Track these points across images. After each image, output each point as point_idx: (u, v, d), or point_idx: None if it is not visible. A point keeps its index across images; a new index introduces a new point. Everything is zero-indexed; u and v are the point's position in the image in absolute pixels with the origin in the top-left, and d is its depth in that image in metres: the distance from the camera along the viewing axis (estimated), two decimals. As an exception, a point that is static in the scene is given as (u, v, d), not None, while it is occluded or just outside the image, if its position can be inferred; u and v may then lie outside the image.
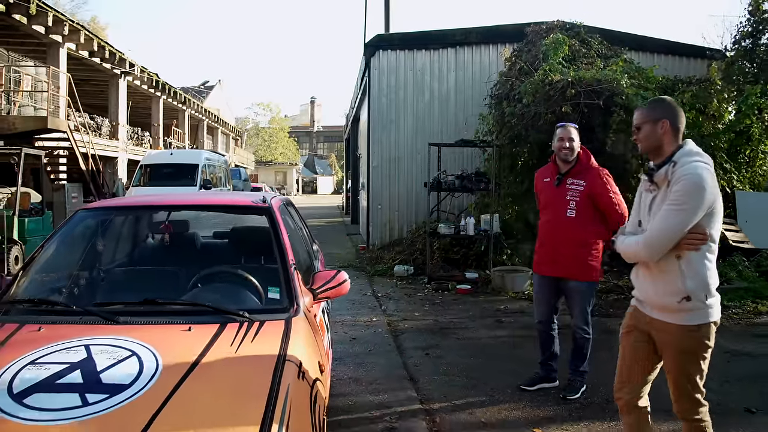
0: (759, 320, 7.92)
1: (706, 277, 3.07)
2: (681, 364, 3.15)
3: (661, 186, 3.15)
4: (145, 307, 3.11)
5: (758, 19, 13.45)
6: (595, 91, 9.84)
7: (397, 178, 14.90)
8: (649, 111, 3.24)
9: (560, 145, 5.02)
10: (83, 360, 2.52)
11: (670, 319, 3.11)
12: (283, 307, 3.20)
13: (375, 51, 14.88)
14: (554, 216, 5.07)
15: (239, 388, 2.42)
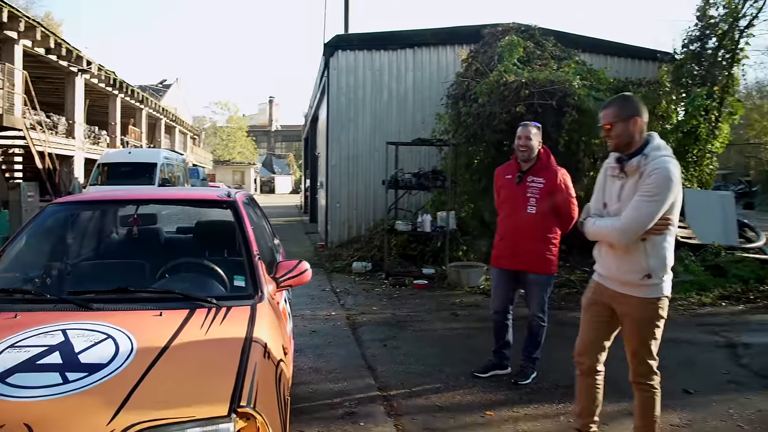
0: (702, 311, 8.27)
1: (666, 257, 3.43)
2: (640, 333, 3.50)
3: (630, 175, 3.42)
4: (118, 294, 3.23)
5: (705, 24, 13.92)
6: (548, 91, 10.11)
7: (355, 176, 15.04)
8: (619, 110, 3.47)
9: (518, 144, 5.19)
10: (61, 343, 2.64)
11: (632, 292, 3.47)
12: (248, 294, 3.36)
13: (334, 51, 15.01)
14: (514, 212, 5.22)
15: (210, 366, 2.58)
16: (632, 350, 3.57)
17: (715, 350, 6.38)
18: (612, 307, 3.61)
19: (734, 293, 9.16)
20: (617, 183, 3.52)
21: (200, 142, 55.81)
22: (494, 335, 5.51)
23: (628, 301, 3.50)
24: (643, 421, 3.64)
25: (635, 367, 3.58)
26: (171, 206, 4.86)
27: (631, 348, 3.58)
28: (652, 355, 3.55)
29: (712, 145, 13.68)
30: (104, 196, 4.63)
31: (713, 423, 4.43)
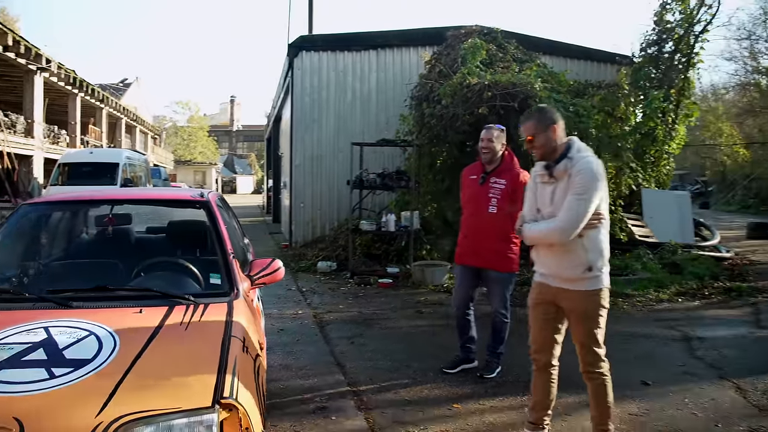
0: (660, 307, 8.52)
1: (603, 250, 3.64)
2: (585, 324, 3.67)
3: (560, 179, 3.63)
4: (96, 293, 3.29)
5: (662, 29, 14.31)
6: (510, 93, 10.28)
7: (319, 176, 15.11)
8: (538, 121, 3.70)
9: (481, 146, 5.37)
10: (44, 340, 2.70)
11: (574, 287, 3.64)
12: (224, 291, 3.44)
13: (298, 52, 15.06)
14: (477, 211, 5.39)
15: (192, 360, 2.67)
16: (580, 341, 3.74)
17: (671, 344, 6.60)
18: (557, 303, 3.78)
19: (690, 290, 9.45)
20: (548, 188, 3.71)
21: (161, 142, 55.24)
22: (458, 331, 5.68)
23: (571, 296, 3.67)
24: (598, 410, 3.79)
25: (584, 357, 3.75)
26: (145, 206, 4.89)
27: (578, 339, 3.74)
28: (598, 343, 3.72)
29: (669, 147, 14.06)
30: (78, 197, 4.64)
31: (670, 412, 4.62)
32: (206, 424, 2.33)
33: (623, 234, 12.86)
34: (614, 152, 11.44)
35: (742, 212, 31.36)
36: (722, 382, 5.32)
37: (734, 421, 4.45)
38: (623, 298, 8.82)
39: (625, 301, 8.67)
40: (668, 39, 14.41)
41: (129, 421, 2.25)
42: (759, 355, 6.17)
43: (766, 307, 8.51)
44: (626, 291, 9.11)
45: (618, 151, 11.46)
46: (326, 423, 4.36)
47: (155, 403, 2.34)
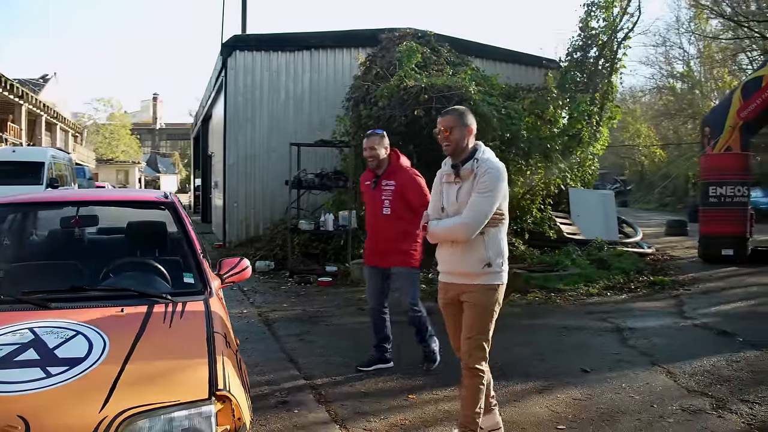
0: (590, 300, 8.96)
1: (502, 247, 3.80)
2: (480, 318, 3.76)
3: (465, 179, 3.76)
4: (73, 293, 3.33)
5: (587, 35, 14.89)
6: (445, 96, 10.59)
7: (253, 176, 15.15)
8: (459, 117, 3.82)
9: (365, 155, 5.59)
10: (32, 340, 2.73)
11: (474, 281, 3.76)
12: (198, 290, 3.52)
13: (232, 51, 15.05)
14: (374, 214, 5.60)
15: (181, 355, 2.79)
16: (471, 336, 3.78)
17: (605, 334, 6.98)
18: (461, 300, 3.86)
19: (618, 284, 9.96)
20: (454, 188, 3.83)
21: (82, 141, 53.68)
22: (373, 329, 5.77)
23: (470, 290, 3.76)
24: (471, 410, 3.79)
25: (471, 352, 3.78)
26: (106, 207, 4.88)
27: (470, 333, 3.79)
28: (488, 339, 3.81)
29: (593, 148, 14.65)
30: (40, 198, 4.62)
31: (609, 395, 4.94)
32: (204, 415, 2.44)
33: (552, 232, 13.38)
34: (544, 153, 11.90)
35: (659, 210, 32.83)
36: (654, 368, 5.69)
37: (667, 401, 4.79)
38: (555, 292, 9.23)
39: (557, 296, 9.07)
40: (593, 45, 15.01)
41: (131, 416, 2.34)
42: (684, 343, 6.59)
43: (688, 299, 9.06)
44: (558, 286, 9.52)
45: (547, 153, 11.94)
46: (290, 416, 4.48)
47: (154, 397, 2.43)
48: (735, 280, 10.70)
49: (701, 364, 5.76)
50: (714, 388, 5.13)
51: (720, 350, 6.24)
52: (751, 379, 5.39)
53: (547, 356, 6.08)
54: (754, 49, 32.91)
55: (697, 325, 7.43)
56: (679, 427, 4.31)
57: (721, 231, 12.53)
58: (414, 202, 5.37)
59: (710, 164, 12.89)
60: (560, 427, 4.31)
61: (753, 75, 13.09)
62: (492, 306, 3.77)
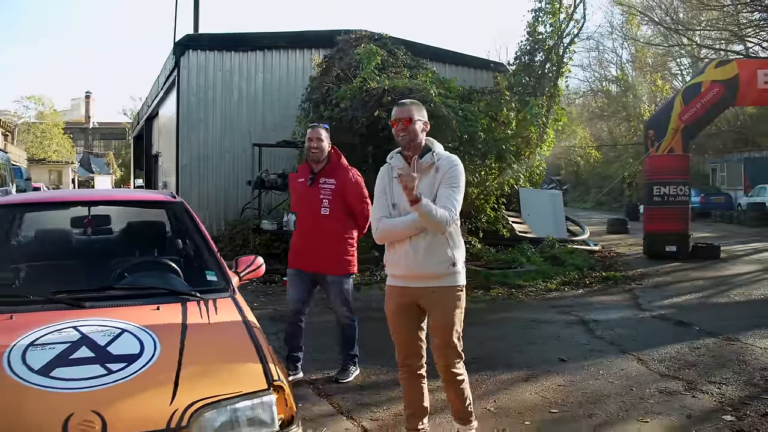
0: (550, 296, 9.37)
1: (462, 246, 3.70)
2: (449, 320, 3.61)
3: (424, 173, 3.53)
4: (102, 292, 3.41)
5: (535, 39, 15.42)
6: (407, 98, 10.86)
7: (206, 176, 15.08)
8: (419, 111, 3.67)
9: (309, 145, 5.15)
10: (81, 339, 2.79)
11: (439, 283, 3.60)
12: (222, 287, 3.65)
13: (185, 50, 14.96)
14: (309, 214, 5.15)
15: (230, 349, 2.93)
16: (443, 341, 3.64)
17: (572, 326, 7.37)
18: (418, 304, 3.69)
19: (573, 279, 10.42)
20: None
21: (14, 140, 51.99)
22: (288, 339, 5.47)
23: (436, 293, 3.60)
24: (462, 405, 3.77)
25: (446, 356, 3.66)
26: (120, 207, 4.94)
27: (442, 338, 3.64)
28: (460, 340, 3.69)
29: (541, 149, 15.19)
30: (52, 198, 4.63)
31: (590, 381, 5.29)
32: (266, 405, 2.59)
33: (506, 230, 13.80)
34: (499, 154, 12.31)
35: (596, 209, 33.93)
36: (625, 355, 6.07)
37: (644, 385, 5.17)
38: (516, 288, 9.61)
39: (518, 291, 9.45)
40: (540, 49, 15.56)
41: (200, 408, 2.47)
42: (647, 332, 7.03)
43: (641, 292, 9.57)
44: (518, 282, 9.91)
45: (502, 153, 12.34)
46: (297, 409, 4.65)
47: (217, 389, 2.55)
48: (681, 275, 11.32)
49: (667, 351, 6.18)
50: (683, 372, 5.54)
51: (681, 338, 6.69)
52: (714, 363, 5.82)
53: (524, 348, 6.40)
54: (683, 55, 34.36)
55: (655, 317, 7.90)
56: (660, 407, 4.67)
57: (664, 228, 13.20)
58: (354, 205, 5.18)
59: (654, 165, 13.52)
60: (553, 411, 4.62)
61: (692, 81, 13.81)
62: (460, 307, 3.66)
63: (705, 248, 13.44)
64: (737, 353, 6.14)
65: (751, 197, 24.94)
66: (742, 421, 4.40)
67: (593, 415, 4.53)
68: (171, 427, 2.38)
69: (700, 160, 31.10)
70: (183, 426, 2.39)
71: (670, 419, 4.46)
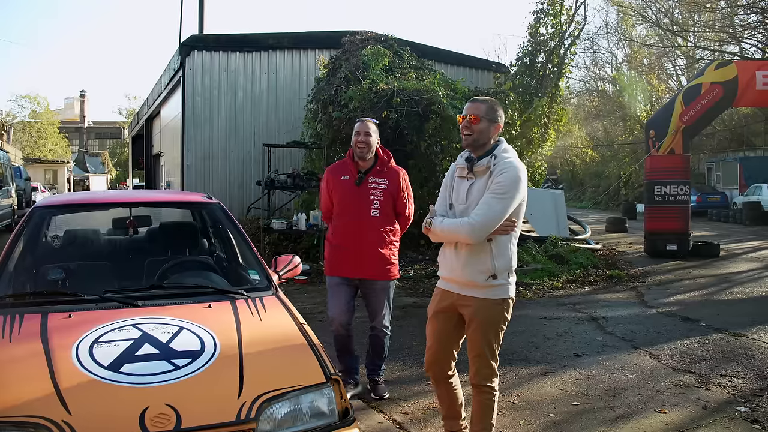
0: (557, 293, 9.56)
1: (510, 258, 3.44)
2: (484, 334, 3.46)
3: (479, 176, 3.43)
4: (153, 291, 3.54)
5: (536, 41, 15.63)
6: (415, 99, 11.09)
7: (210, 176, 15.25)
8: (489, 110, 3.46)
9: (356, 140, 4.72)
10: (143, 336, 2.91)
11: (477, 294, 3.43)
12: (266, 285, 3.80)
13: (190, 51, 15.13)
14: (356, 215, 4.77)
15: (285, 344, 3.08)
16: (477, 353, 3.51)
17: (583, 323, 7.58)
18: (459, 312, 3.56)
19: (578, 278, 10.61)
20: (465, 183, 3.50)
21: (9, 139, 51.92)
22: (340, 352, 5.04)
23: (473, 303, 3.45)
24: (481, 425, 3.56)
25: (478, 369, 3.52)
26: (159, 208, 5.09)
27: (475, 350, 3.51)
28: (495, 356, 3.54)
29: (542, 149, 15.42)
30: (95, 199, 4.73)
31: (607, 375, 5.50)
32: (327, 396, 2.76)
33: (509, 229, 13.96)
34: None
35: (593, 208, 34.17)
36: (637, 350, 6.30)
37: (659, 378, 5.40)
38: (523, 286, 9.78)
39: (526, 289, 9.63)
40: (541, 50, 15.77)
41: (267, 400, 2.62)
42: (656, 329, 7.23)
43: (645, 290, 9.79)
44: (525, 280, 10.10)
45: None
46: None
47: (280, 382, 2.71)
48: (683, 273, 11.55)
49: (677, 347, 6.41)
50: (695, 366, 5.77)
51: (689, 334, 6.93)
52: (723, 357, 6.05)
53: (539, 343, 6.60)
54: (679, 56, 34.66)
55: (661, 313, 8.12)
56: (676, 399, 4.89)
57: (665, 227, 13.43)
58: (402, 208, 4.92)
59: (655, 165, 13.74)
60: (575, 403, 4.83)
61: (693, 82, 14.01)
62: (499, 322, 3.48)
63: (705, 247, 13.69)
64: (745, 348, 6.37)
65: (746, 196, 25.22)
66: (756, 412, 4.62)
67: (613, 407, 4.74)
68: (241, 419, 2.53)
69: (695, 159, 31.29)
70: (252, 418, 2.55)
71: (687, 410, 4.68)
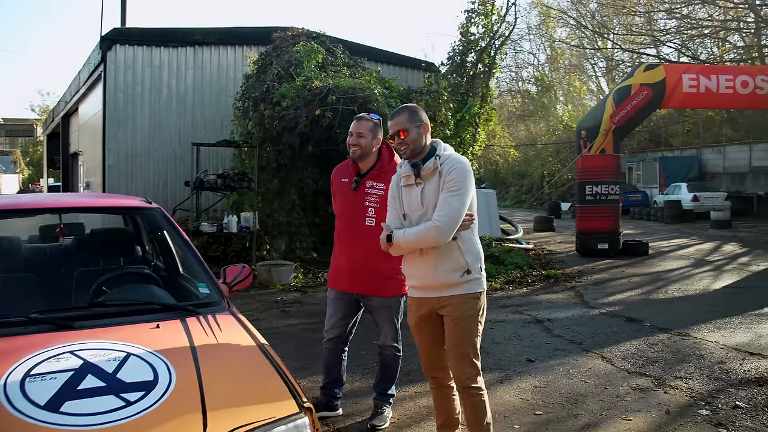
0: (497, 295, 9.46)
1: (478, 251, 3.51)
2: (464, 330, 3.43)
3: (428, 178, 3.43)
4: (90, 310, 3.10)
5: (467, 40, 15.59)
6: (350, 97, 10.81)
7: (134, 176, 14.58)
8: (411, 117, 3.49)
9: (349, 141, 4.31)
10: (84, 365, 2.52)
11: (454, 292, 3.42)
12: (216, 300, 3.42)
13: (112, 45, 14.41)
14: (351, 224, 4.37)
15: (249, 371, 2.73)
16: (459, 352, 3.45)
17: (528, 326, 7.48)
18: (438, 314, 3.53)
19: (515, 278, 10.60)
20: (415, 190, 3.48)
21: None
22: (324, 369, 4.66)
23: (451, 302, 3.43)
24: (479, 429, 3.51)
25: (463, 369, 3.45)
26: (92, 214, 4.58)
27: (458, 350, 3.45)
28: (477, 353, 3.50)
29: (473, 149, 15.39)
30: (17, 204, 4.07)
31: (564, 381, 5.38)
32: (301, 428, 2.46)
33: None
34: (439, 154, 12.37)
35: (517, 207, 34.67)
36: (588, 354, 6.22)
37: (616, 383, 5.31)
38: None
39: (465, 291, 9.50)
40: (472, 49, 15.74)
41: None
42: (602, 330, 7.20)
43: (584, 290, 9.83)
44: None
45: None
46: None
47: (249, 416, 2.37)
48: (617, 271, 11.70)
49: (627, 348, 6.37)
50: (648, 368, 5.71)
51: (636, 335, 6.92)
52: (674, 358, 6.03)
53: (489, 348, 6.42)
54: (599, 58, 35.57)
55: (604, 314, 8.12)
56: (638, 404, 4.80)
57: (596, 227, 13.60)
58: None
59: (587, 165, 13.90)
60: (538, 413, 4.67)
61: (622, 83, 14.23)
62: (477, 316, 3.46)
63: (634, 245, 13.95)
64: (692, 348, 6.38)
65: (666, 195, 25.99)
66: (717, 415, 4.57)
67: (577, 415, 4.61)
68: None
69: (615, 159, 32.22)
70: None
71: (651, 416, 4.59)
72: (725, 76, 13.90)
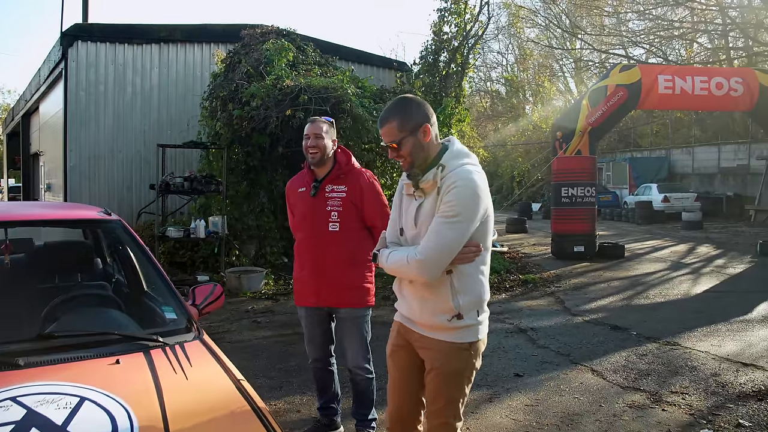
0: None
1: (480, 292, 2.73)
2: (447, 386, 2.75)
3: (428, 193, 2.71)
4: (39, 343, 2.66)
5: (440, 39, 15.33)
6: (323, 97, 10.45)
7: (97, 178, 14.11)
8: (403, 123, 2.70)
9: (306, 145, 4.01)
10: (28, 416, 2.10)
11: (440, 336, 2.74)
12: (184, 326, 3.01)
13: (74, 41, 13.89)
14: (313, 232, 4.07)
15: (224, 413, 2.37)
16: (435, 408, 2.77)
17: (512, 336, 7.19)
18: (419, 352, 2.86)
19: (493, 283, 10.29)
20: (413, 204, 2.78)
21: None
22: (317, 387, 4.45)
23: (435, 347, 2.75)
24: None
25: (435, 428, 2.79)
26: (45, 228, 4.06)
27: (434, 405, 2.77)
28: (458, 414, 2.79)
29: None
30: None
31: (555, 398, 5.09)
32: None
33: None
34: (413, 155, 12.09)
35: (487, 208, 34.52)
36: (577, 367, 5.94)
37: (610, 399, 5.03)
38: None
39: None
40: (444, 49, 15.49)
41: None
42: (589, 340, 6.95)
43: (564, 295, 9.59)
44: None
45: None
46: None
47: None
48: (595, 275, 11.50)
49: (616, 360, 6.12)
50: (641, 382, 5.45)
51: (623, 345, 6.67)
52: (666, 371, 5.78)
53: (473, 361, 6.14)
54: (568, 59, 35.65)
55: (588, 321, 7.88)
56: (637, 424, 4.52)
57: (572, 229, 13.41)
58: (371, 217, 4.07)
59: (562, 167, 13.71)
60: (532, 435, 4.38)
61: (598, 84, 14.09)
62: (464, 372, 2.74)
63: (610, 248, 13.80)
64: (683, 359, 6.15)
65: (637, 196, 26.03)
66: (721, 436, 4.32)
67: (575, 437, 4.32)
68: None
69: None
70: None
71: (652, 438, 4.32)
72: (700, 78, 13.82)
